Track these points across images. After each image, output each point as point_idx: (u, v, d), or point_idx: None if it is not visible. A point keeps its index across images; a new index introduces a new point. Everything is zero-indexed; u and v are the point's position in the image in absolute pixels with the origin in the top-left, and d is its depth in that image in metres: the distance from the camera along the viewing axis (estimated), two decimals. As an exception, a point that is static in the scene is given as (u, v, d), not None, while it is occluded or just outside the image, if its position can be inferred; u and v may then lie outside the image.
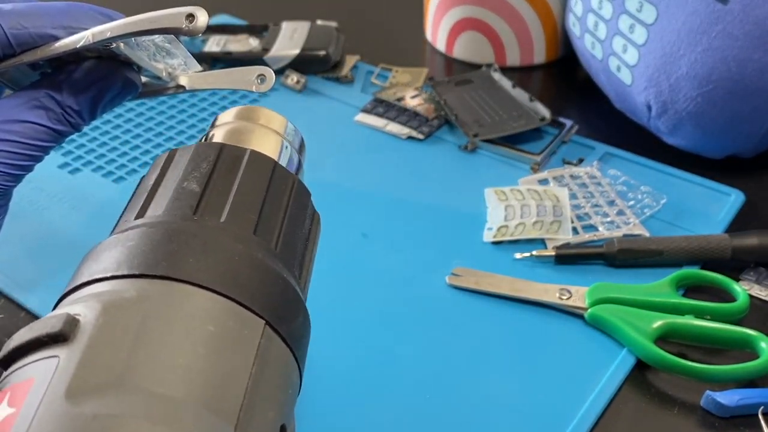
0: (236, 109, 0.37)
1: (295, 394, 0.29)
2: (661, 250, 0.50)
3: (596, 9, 0.61)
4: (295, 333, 0.29)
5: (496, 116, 0.62)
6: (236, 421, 0.24)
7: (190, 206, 0.29)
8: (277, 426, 0.26)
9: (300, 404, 0.42)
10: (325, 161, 0.61)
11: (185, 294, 0.26)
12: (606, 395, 0.43)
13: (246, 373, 0.26)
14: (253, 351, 0.26)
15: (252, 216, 0.30)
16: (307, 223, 0.34)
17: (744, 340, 0.44)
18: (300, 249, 0.32)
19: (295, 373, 0.29)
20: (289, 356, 0.29)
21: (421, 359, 0.45)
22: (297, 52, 0.70)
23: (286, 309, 0.29)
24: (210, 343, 0.25)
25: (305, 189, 0.34)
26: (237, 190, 0.31)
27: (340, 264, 0.51)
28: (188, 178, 0.31)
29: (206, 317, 0.26)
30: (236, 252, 0.28)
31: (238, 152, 0.32)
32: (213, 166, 0.31)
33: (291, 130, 0.37)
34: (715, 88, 0.54)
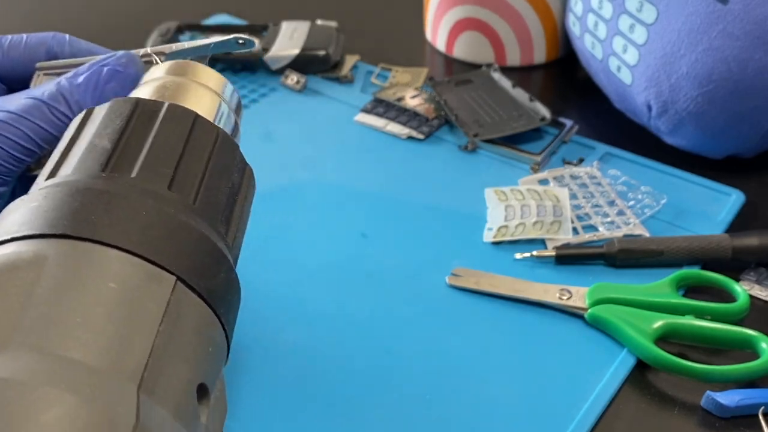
0: (168, 63, 0.36)
1: (218, 354, 0.28)
2: (662, 250, 0.50)
3: (596, 9, 0.61)
4: (216, 290, 0.28)
5: (496, 116, 0.62)
6: (140, 380, 0.23)
7: (100, 163, 0.28)
8: (192, 385, 0.25)
9: (300, 404, 0.42)
10: (325, 161, 0.61)
11: (86, 252, 0.25)
12: (606, 395, 0.43)
13: (152, 331, 0.24)
14: (161, 308, 0.25)
15: (167, 170, 0.29)
16: (235, 177, 0.32)
17: (744, 341, 0.44)
18: (225, 204, 0.31)
19: (215, 330, 0.28)
20: (208, 313, 0.27)
21: (421, 359, 0.45)
22: (297, 52, 0.70)
23: (203, 265, 0.27)
24: (111, 300, 0.24)
25: (232, 142, 0.33)
26: (151, 145, 0.29)
27: (340, 264, 0.51)
28: (100, 135, 0.30)
29: (108, 275, 0.25)
30: (145, 207, 0.27)
31: (155, 106, 0.31)
32: (126, 122, 0.30)
33: (228, 90, 0.36)
34: (715, 88, 0.54)
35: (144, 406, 0.23)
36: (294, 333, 0.46)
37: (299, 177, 0.59)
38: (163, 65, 0.36)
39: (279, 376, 0.44)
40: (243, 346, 0.46)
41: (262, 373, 0.44)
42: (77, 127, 0.31)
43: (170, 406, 0.24)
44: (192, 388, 0.25)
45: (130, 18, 0.37)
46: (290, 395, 0.43)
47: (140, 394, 0.23)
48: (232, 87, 0.36)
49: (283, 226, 0.54)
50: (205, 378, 0.26)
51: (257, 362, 0.45)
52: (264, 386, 0.43)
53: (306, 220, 0.55)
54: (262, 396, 0.43)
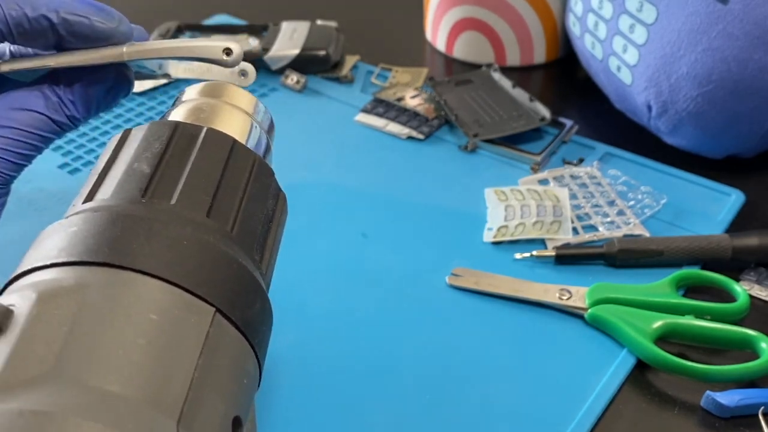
0: (202, 85, 0.35)
1: (252, 385, 0.28)
2: (662, 250, 0.50)
3: (596, 9, 0.61)
4: (251, 320, 0.28)
5: (496, 116, 0.62)
6: (179, 415, 0.23)
7: (139, 189, 0.28)
8: (229, 419, 0.25)
9: (300, 403, 0.42)
10: (325, 161, 0.61)
11: (127, 281, 0.25)
12: (606, 395, 0.43)
13: (191, 364, 0.24)
14: (200, 340, 0.25)
15: (205, 197, 0.29)
16: (270, 203, 0.32)
17: (744, 341, 0.44)
18: (260, 231, 0.30)
19: (251, 362, 0.28)
20: (244, 345, 0.27)
21: (421, 359, 0.45)
22: (297, 52, 0.70)
23: (240, 295, 0.27)
24: (152, 332, 0.24)
25: (267, 168, 0.32)
26: (190, 171, 0.29)
27: (340, 264, 0.51)
28: (139, 158, 0.29)
29: (149, 305, 0.25)
30: (185, 236, 0.27)
31: (194, 130, 0.31)
32: (166, 146, 0.30)
33: (260, 110, 0.36)
34: (715, 88, 0.54)
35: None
36: (294, 332, 0.46)
37: (299, 177, 0.59)
38: (196, 86, 0.35)
39: (278, 375, 0.44)
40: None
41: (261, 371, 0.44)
42: (114, 148, 0.31)
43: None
44: (228, 422, 0.25)
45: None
46: (290, 395, 0.43)
47: (179, 429, 0.23)
48: (263, 107, 0.36)
49: (283, 226, 0.54)
50: (240, 410, 0.26)
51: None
52: (263, 386, 0.43)
53: (306, 220, 0.55)
54: (261, 396, 0.43)
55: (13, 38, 0.35)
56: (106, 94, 0.37)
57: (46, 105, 0.36)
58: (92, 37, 0.35)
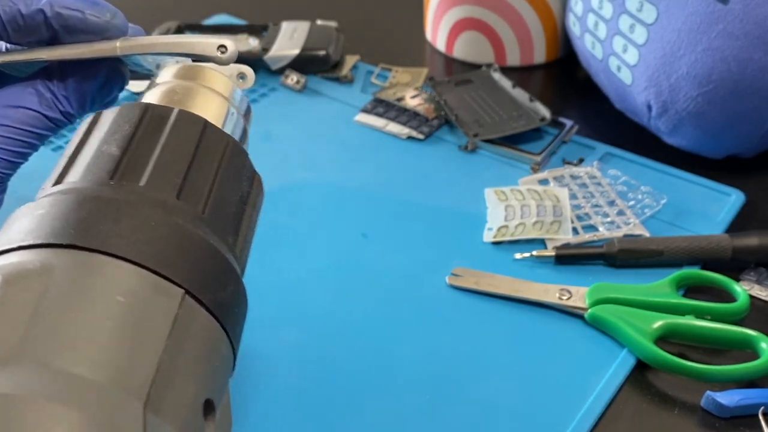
0: (177, 67, 0.35)
1: (225, 368, 0.27)
2: (662, 250, 0.50)
3: (596, 9, 0.61)
4: (223, 303, 0.27)
5: (496, 116, 0.62)
6: (146, 397, 0.22)
7: (108, 171, 0.28)
8: (199, 401, 0.25)
9: (299, 404, 0.42)
10: (325, 161, 0.61)
11: (94, 263, 0.25)
12: (606, 395, 0.43)
13: (159, 346, 0.24)
14: (168, 322, 0.24)
15: (176, 179, 0.28)
16: (245, 185, 0.31)
17: (744, 341, 0.44)
18: (234, 213, 0.30)
19: (223, 344, 0.27)
20: (216, 327, 0.27)
21: (421, 359, 0.45)
22: (297, 52, 0.70)
23: (210, 277, 0.27)
24: (118, 314, 0.24)
25: (241, 150, 0.32)
26: (160, 152, 0.29)
27: (340, 264, 0.51)
28: (108, 141, 0.29)
29: (116, 287, 0.24)
30: (154, 218, 0.26)
31: (165, 112, 0.30)
32: (135, 128, 0.29)
33: (237, 94, 0.35)
34: (715, 88, 0.54)
35: (150, 423, 0.22)
36: (294, 332, 0.46)
37: (299, 177, 0.59)
38: (171, 68, 0.35)
39: (278, 376, 0.44)
40: (241, 344, 0.46)
41: (261, 372, 0.44)
42: (85, 131, 0.30)
43: (177, 423, 0.23)
44: (198, 405, 0.25)
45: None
46: (290, 395, 0.43)
47: (146, 412, 0.22)
48: (241, 91, 0.35)
49: (283, 226, 0.54)
50: (212, 393, 0.26)
51: (256, 362, 0.45)
52: (263, 386, 0.43)
53: (306, 220, 0.55)
54: (260, 395, 0.43)
55: (7, 35, 0.35)
56: (100, 89, 0.37)
57: (39, 102, 0.36)
58: (86, 30, 0.35)
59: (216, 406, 0.26)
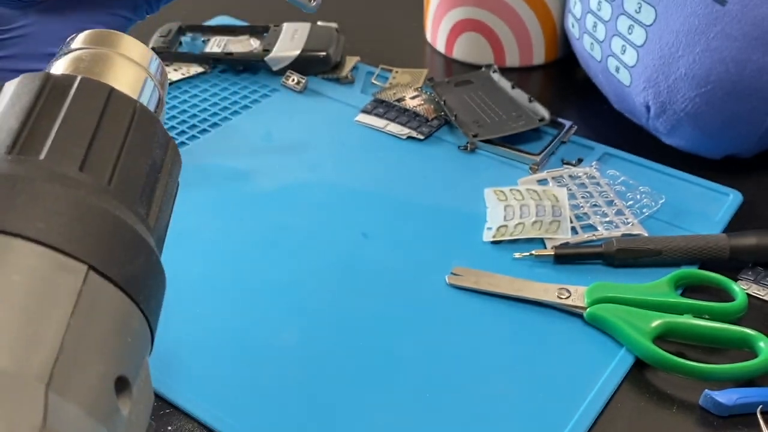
0: (88, 32, 0.33)
1: (139, 343, 0.26)
2: (660, 249, 0.50)
3: (595, 10, 0.61)
4: (133, 276, 0.26)
5: (496, 117, 0.63)
6: (48, 378, 0.22)
7: (6, 145, 0.26)
8: (110, 379, 0.24)
9: (300, 403, 0.43)
10: (325, 161, 0.61)
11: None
12: (604, 394, 0.43)
13: (62, 325, 0.23)
14: (71, 299, 0.24)
15: (78, 150, 0.27)
16: (157, 153, 0.30)
17: (742, 340, 0.44)
18: (144, 182, 0.29)
19: (135, 318, 0.26)
20: (125, 302, 0.26)
21: (421, 358, 0.45)
22: (297, 53, 0.70)
23: (117, 251, 0.26)
24: (15, 295, 0.23)
25: (151, 116, 0.30)
26: (61, 123, 0.27)
27: (341, 264, 0.51)
28: (7, 114, 0.28)
29: (12, 267, 0.23)
30: (53, 192, 0.25)
31: (67, 81, 0.29)
32: (35, 99, 0.28)
33: (154, 62, 0.34)
34: (713, 88, 0.54)
35: (53, 405, 0.21)
36: (294, 332, 0.47)
37: (299, 177, 0.59)
38: (81, 35, 0.33)
39: (278, 376, 0.44)
40: (242, 344, 0.46)
41: (262, 372, 0.44)
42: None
43: (84, 402, 0.23)
44: (109, 382, 0.24)
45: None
46: (290, 394, 0.43)
47: (49, 394, 0.22)
48: (158, 59, 0.34)
49: (284, 226, 0.55)
50: (125, 370, 0.25)
51: (257, 361, 0.45)
52: (263, 385, 0.44)
53: (306, 220, 0.55)
54: (261, 394, 0.43)
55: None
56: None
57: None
58: None
59: (131, 383, 0.25)
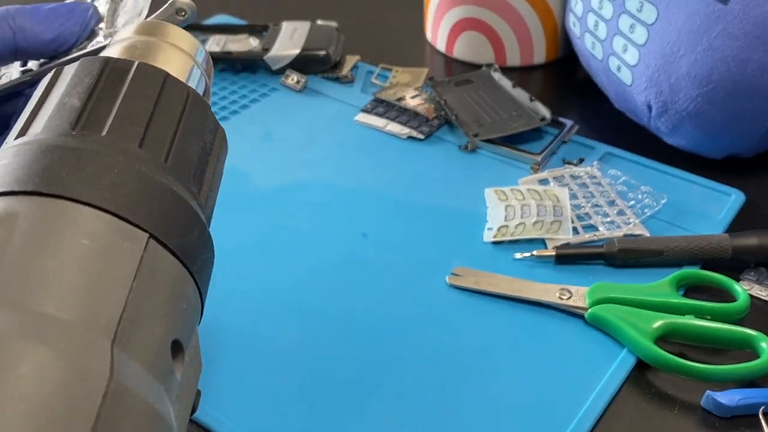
0: (138, 23, 0.36)
1: (192, 312, 0.28)
2: (662, 250, 0.50)
3: (596, 9, 0.61)
4: (188, 247, 0.28)
5: (496, 116, 0.62)
6: (114, 335, 0.23)
7: (70, 122, 0.28)
8: (167, 341, 0.25)
9: (300, 403, 0.42)
10: (326, 161, 0.61)
11: (57, 209, 0.25)
12: (606, 395, 0.43)
13: (125, 287, 0.25)
14: (134, 264, 0.25)
15: (137, 129, 0.29)
16: (208, 137, 0.32)
17: (744, 340, 0.44)
18: (197, 163, 0.31)
19: (189, 287, 0.28)
20: (181, 270, 0.27)
21: (421, 359, 0.45)
22: (297, 52, 0.70)
23: (175, 222, 0.28)
24: (84, 256, 0.24)
25: (203, 102, 0.32)
26: (121, 103, 0.29)
27: (341, 264, 0.51)
28: (70, 94, 0.29)
29: (80, 231, 0.25)
30: (116, 165, 0.27)
31: (125, 65, 0.31)
32: (96, 80, 0.30)
33: (200, 52, 0.36)
34: (715, 88, 0.54)
35: (118, 360, 0.23)
36: (294, 332, 0.46)
37: (299, 177, 0.59)
38: (132, 26, 0.35)
39: (278, 376, 0.44)
40: (241, 345, 0.46)
41: (261, 372, 0.44)
42: (46, 86, 0.31)
43: (144, 360, 0.24)
44: (166, 344, 0.25)
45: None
46: (290, 394, 0.43)
47: (114, 349, 0.23)
48: (204, 50, 0.36)
49: (284, 226, 0.54)
50: (179, 334, 0.26)
51: (256, 361, 0.45)
52: (263, 386, 0.43)
53: (306, 220, 0.55)
54: (261, 395, 0.43)
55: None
56: None
57: None
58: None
59: (185, 348, 0.27)
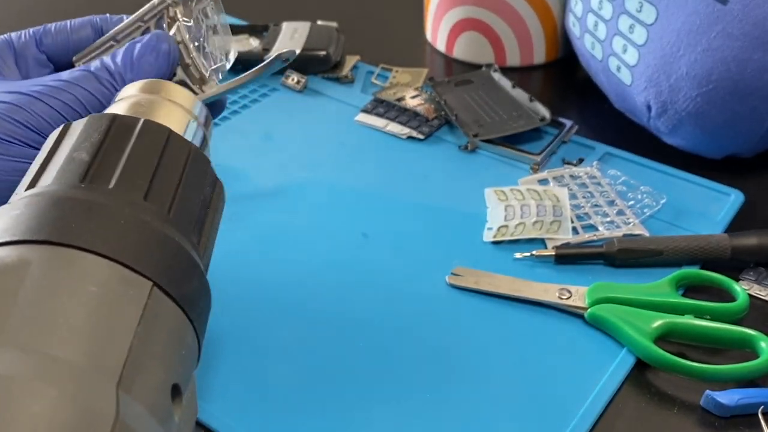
0: (141, 82, 0.37)
1: (190, 357, 0.29)
2: (661, 249, 0.50)
3: (596, 9, 0.61)
4: (189, 296, 0.29)
5: (496, 116, 0.62)
6: (119, 378, 0.24)
7: (79, 175, 0.30)
8: (167, 385, 0.27)
9: (300, 403, 0.42)
10: (326, 161, 0.61)
11: (68, 257, 0.26)
12: (606, 395, 0.43)
13: (130, 332, 0.26)
14: (138, 311, 0.26)
15: (142, 182, 0.30)
16: (207, 190, 0.34)
17: (744, 340, 0.44)
18: (197, 215, 0.32)
19: (189, 335, 0.29)
20: (182, 318, 0.29)
21: (421, 358, 0.45)
22: (297, 53, 0.70)
23: (177, 272, 0.29)
24: (92, 302, 0.26)
25: (204, 157, 0.34)
26: (128, 158, 0.31)
27: (341, 264, 0.51)
28: (79, 148, 0.31)
29: (89, 279, 0.26)
30: (123, 215, 0.28)
31: (131, 122, 0.32)
32: (104, 136, 0.31)
33: (197, 105, 0.38)
34: (714, 88, 0.54)
35: (123, 401, 0.24)
36: (294, 332, 0.47)
37: (299, 177, 0.59)
38: (135, 84, 0.37)
39: (278, 376, 0.44)
40: (242, 344, 0.46)
41: (262, 372, 0.44)
42: (55, 140, 0.32)
43: (147, 403, 0.25)
44: (167, 388, 0.26)
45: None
46: (290, 394, 0.43)
47: (119, 391, 0.24)
48: (201, 103, 0.38)
49: (284, 226, 0.54)
50: (179, 379, 0.27)
51: (256, 361, 0.45)
52: (263, 385, 0.43)
53: (306, 220, 0.55)
54: (261, 395, 0.43)
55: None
56: None
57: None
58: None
59: (183, 392, 0.28)
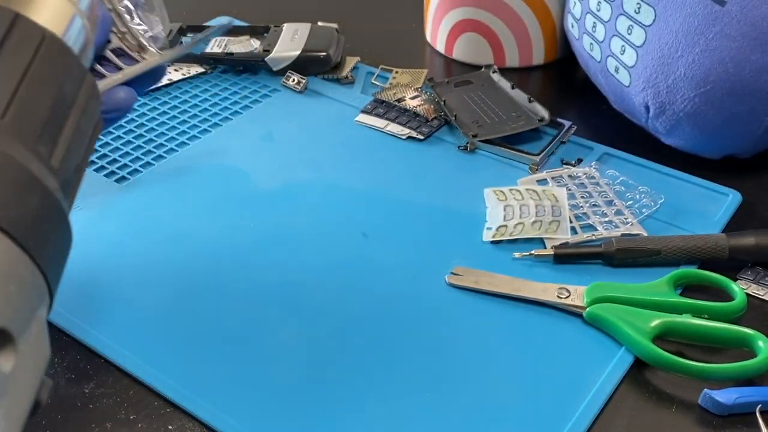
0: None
1: (27, 293, 0.24)
2: (659, 249, 0.50)
3: (594, 10, 0.61)
4: (22, 220, 0.24)
5: (496, 117, 0.63)
6: None
7: None
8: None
9: (301, 403, 0.43)
10: (326, 161, 0.61)
11: None
12: (604, 393, 0.43)
13: None
14: None
15: None
16: (68, 87, 0.28)
17: (741, 339, 0.44)
18: (48, 119, 0.27)
19: (22, 267, 0.24)
20: (10, 247, 0.23)
21: (421, 358, 0.45)
22: (298, 54, 0.70)
23: (4, 191, 0.24)
24: None
25: (62, 47, 0.28)
26: None
27: (341, 264, 0.51)
28: None
29: None
30: None
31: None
32: None
33: (85, 1, 0.33)
34: (712, 88, 0.54)
35: None
36: (294, 332, 0.47)
37: (300, 177, 0.59)
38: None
39: (279, 375, 0.44)
40: (243, 344, 0.46)
41: (262, 371, 0.44)
42: None
43: None
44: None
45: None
46: (291, 394, 0.43)
47: None
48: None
49: (284, 226, 0.55)
50: (6, 321, 0.23)
51: (257, 360, 0.45)
52: (264, 385, 0.44)
53: (306, 220, 0.55)
54: (262, 394, 0.43)
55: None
56: None
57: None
58: None
59: (15, 336, 0.23)
